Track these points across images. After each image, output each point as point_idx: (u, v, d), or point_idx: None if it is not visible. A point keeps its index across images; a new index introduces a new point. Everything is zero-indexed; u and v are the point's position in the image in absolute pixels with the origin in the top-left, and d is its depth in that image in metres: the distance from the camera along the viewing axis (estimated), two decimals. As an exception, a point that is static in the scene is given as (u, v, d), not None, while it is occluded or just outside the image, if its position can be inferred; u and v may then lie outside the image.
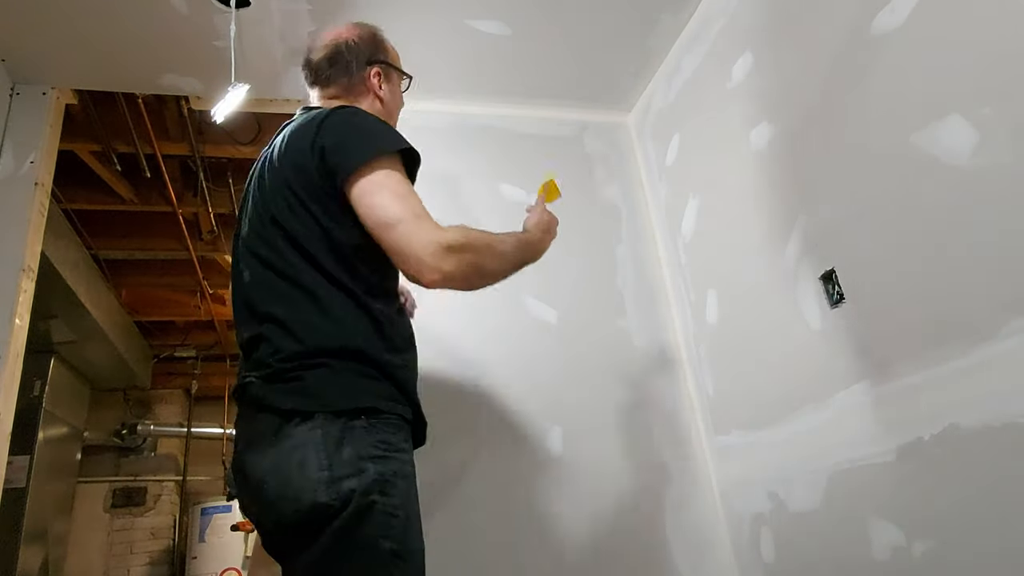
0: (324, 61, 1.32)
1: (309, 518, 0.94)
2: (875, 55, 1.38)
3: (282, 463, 0.98)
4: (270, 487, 0.98)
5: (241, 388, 1.10)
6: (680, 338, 2.16)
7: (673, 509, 1.93)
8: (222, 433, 5.82)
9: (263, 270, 1.14)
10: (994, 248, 1.14)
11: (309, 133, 1.14)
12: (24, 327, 1.83)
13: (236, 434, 1.13)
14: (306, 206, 1.12)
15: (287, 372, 1.04)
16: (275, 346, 1.06)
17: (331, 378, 1.04)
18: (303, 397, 1.02)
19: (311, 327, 1.07)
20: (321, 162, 1.11)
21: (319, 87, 1.34)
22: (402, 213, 1.08)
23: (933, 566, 1.25)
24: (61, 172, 2.20)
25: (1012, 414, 1.11)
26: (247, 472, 1.04)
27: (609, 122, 2.47)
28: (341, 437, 0.99)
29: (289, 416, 1.01)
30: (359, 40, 1.35)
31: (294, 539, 0.97)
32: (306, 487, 0.95)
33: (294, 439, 0.99)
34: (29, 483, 3.92)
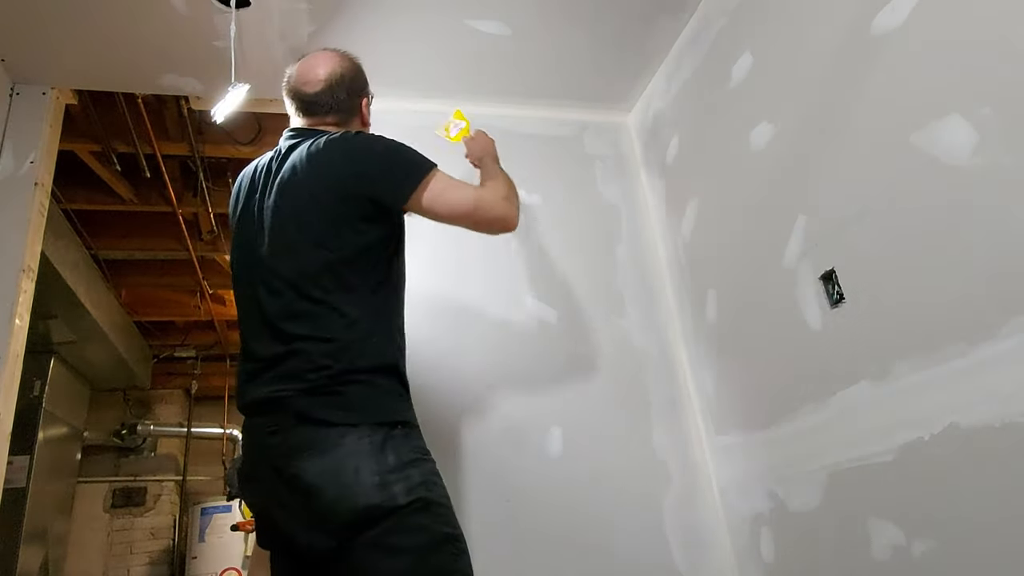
0: (323, 95, 1.40)
1: (362, 517, 1.07)
2: (875, 55, 1.38)
3: (338, 470, 1.09)
4: (326, 492, 1.08)
5: (274, 400, 1.17)
6: (680, 338, 2.16)
7: (673, 509, 1.93)
8: (222, 433, 5.82)
9: (291, 288, 1.22)
10: (994, 248, 1.14)
11: (341, 159, 1.28)
12: (24, 327, 1.83)
13: (262, 443, 1.18)
14: (350, 225, 1.25)
15: (328, 387, 1.15)
16: (313, 362, 1.17)
17: (370, 393, 1.18)
18: (347, 411, 1.14)
19: (347, 344, 1.19)
20: (371, 186, 1.27)
21: (315, 116, 1.42)
22: (472, 195, 1.32)
23: (933, 566, 1.25)
24: (61, 172, 2.20)
25: (1012, 414, 1.11)
26: (294, 478, 1.11)
27: (609, 122, 2.47)
28: (384, 445, 1.13)
29: (335, 426, 1.12)
30: (351, 73, 1.45)
31: (345, 535, 1.07)
32: (361, 491, 1.07)
33: (344, 448, 1.11)
34: (29, 483, 3.93)
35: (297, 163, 1.29)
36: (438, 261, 2.02)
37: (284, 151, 1.35)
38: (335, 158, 1.28)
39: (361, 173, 1.27)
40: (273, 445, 1.16)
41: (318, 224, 1.25)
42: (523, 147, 2.30)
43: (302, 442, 1.13)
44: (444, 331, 1.95)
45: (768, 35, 1.73)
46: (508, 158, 2.28)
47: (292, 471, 1.12)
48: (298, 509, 1.12)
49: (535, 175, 2.26)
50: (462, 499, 1.77)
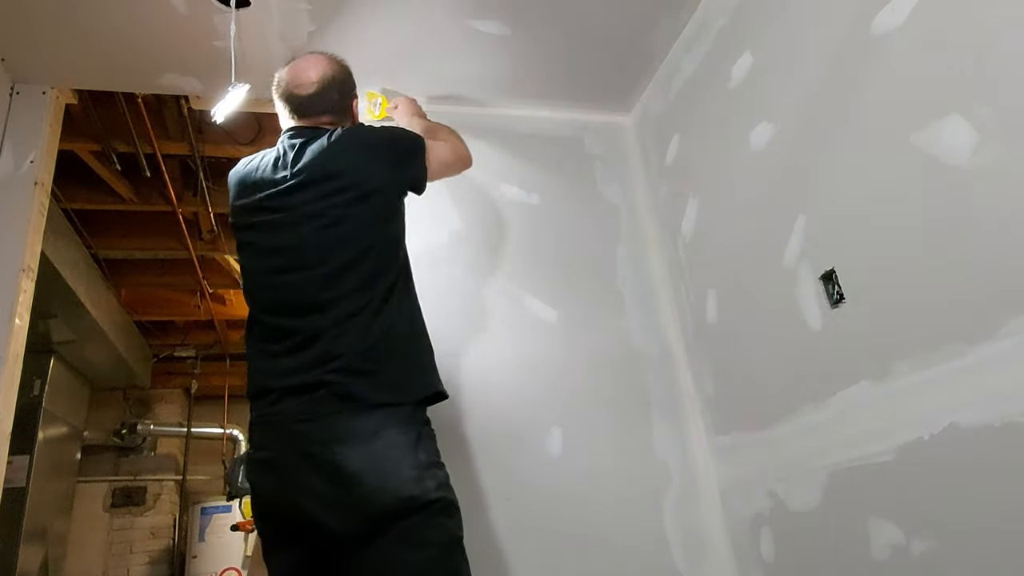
0: (316, 96, 1.47)
1: (401, 505, 1.14)
2: (875, 55, 1.38)
3: (380, 460, 1.16)
4: (368, 480, 1.15)
5: (308, 385, 1.21)
6: (680, 338, 2.16)
7: (673, 509, 1.93)
8: (222, 433, 5.82)
9: (327, 275, 1.28)
10: (994, 248, 1.14)
11: (361, 149, 1.39)
12: (24, 327, 1.83)
13: (290, 429, 1.21)
14: (381, 214, 1.37)
15: (363, 368, 1.22)
16: (349, 346, 1.23)
17: (404, 372, 1.28)
18: (388, 391, 1.23)
19: (381, 327, 1.27)
20: (392, 172, 1.40)
21: (309, 117, 1.48)
22: (447, 149, 1.60)
23: (933, 566, 1.25)
24: (61, 172, 2.20)
25: (1012, 414, 1.11)
26: (332, 464, 1.16)
27: (609, 122, 2.47)
28: (417, 442, 1.21)
29: (374, 409, 1.20)
30: (342, 75, 1.53)
31: (379, 523, 1.14)
32: (403, 482, 1.15)
33: (384, 439, 1.18)
34: (29, 483, 3.93)
35: (317, 157, 1.35)
36: (438, 261, 2.02)
37: (296, 147, 1.39)
38: (355, 148, 1.38)
39: (388, 158, 1.41)
40: (305, 432, 1.19)
41: (353, 214, 1.32)
42: (523, 147, 2.30)
43: (340, 430, 1.18)
44: (444, 331, 1.95)
45: (768, 35, 1.73)
46: (508, 158, 2.30)
47: (330, 458, 1.16)
48: (331, 495, 1.16)
49: (535, 175, 2.26)
50: (462, 498, 1.76)
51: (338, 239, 1.30)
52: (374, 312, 1.27)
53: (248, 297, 1.38)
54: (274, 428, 1.24)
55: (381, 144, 1.43)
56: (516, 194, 2.21)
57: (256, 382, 1.29)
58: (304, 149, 1.37)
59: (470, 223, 2.12)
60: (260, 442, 1.27)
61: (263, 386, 1.27)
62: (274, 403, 1.24)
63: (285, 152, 1.39)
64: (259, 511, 1.28)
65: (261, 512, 1.28)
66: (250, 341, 1.34)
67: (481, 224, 2.14)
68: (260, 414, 1.27)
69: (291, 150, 1.39)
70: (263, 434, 1.26)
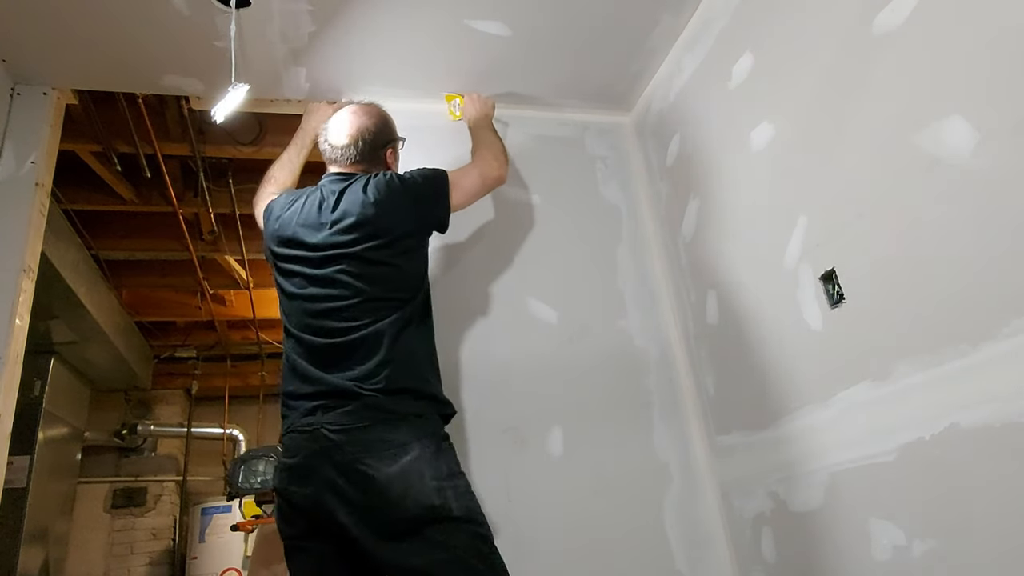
0: (348, 148, 1.66)
1: (422, 514, 1.25)
2: (875, 55, 1.38)
3: (406, 471, 1.28)
4: (394, 490, 1.26)
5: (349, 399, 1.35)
6: (680, 338, 2.16)
7: (673, 509, 1.93)
8: (222, 433, 5.82)
9: (367, 300, 1.45)
10: (994, 248, 1.14)
11: (388, 198, 1.54)
12: (24, 327, 1.83)
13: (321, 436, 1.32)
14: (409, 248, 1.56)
15: (394, 385, 1.37)
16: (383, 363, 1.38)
17: (428, 389, 1.45)
18: (415, 406, 1.38)
19: (409, 347, 1.45)
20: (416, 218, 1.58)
21: (343, 164, 1.67)
22: (475, 174, 1.75)
23: (933, 566, 1.25)
24: (61, 172, 2.20)
25: (1012, 414, 1.11)
26: (362, 474, 1.28)
27: (610, 122, 2.47)
28: (438, 454, 1.34)
29: (404, 419, 1.35)
30: (375, 128, 1.70)
31: (404, 530, 1.24)
32: (425, 492, 1.26)
33: (412, 453, 1.30)
34: (29, 483, 3.92)
35: (352, 204, 1.52)
36: (438, 262, 2.02)
37: (336, 193, 1.56)
38: (387, 193, 1.54)
39: (415, 206, 1.58)
40: (338, 442, 1.31)
41: (383, 255, 1.49)
42: (524, 147, 2.30)
43: (371, 441, 1.30)
44: (443, 332, 1.95)
45: (769, 35, 1.73)
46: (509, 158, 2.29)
47: (360, 467, 1.28)
48: (361, 502, 1.27)
49: (536, 175, 2.26)
50: (462, 499, 1.77)
51: (370, 274, 1.47)
52: (400, 336, 1.44)
53: (285, 316, 1.53)
54: (308, 438, 1.34)
55: (407, 193, 1.58)
56: (517, 194, 2.21)
57: (291, 394, 1.43)
58: (342, 195, 1.55)
59: (471, 223, 2.12)
60: (293, 450, 1.36)
61: (298, 398, 1.41)
62: (308, 414, 1.37)
63: (327, 196, 1.57)
64: (287, 516, 1.37)
65: (289, 517, 1.37)
66: (286, 358, 1.49)
67: (482, 224, 2.14)
68: (294, 424, 1.39)
69: (332, 195, 1.56)
70: (297, 443, 1.36)
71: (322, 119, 2.04)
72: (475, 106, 2.09)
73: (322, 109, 2.08)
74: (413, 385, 1.41)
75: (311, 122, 2.05)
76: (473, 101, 2.11)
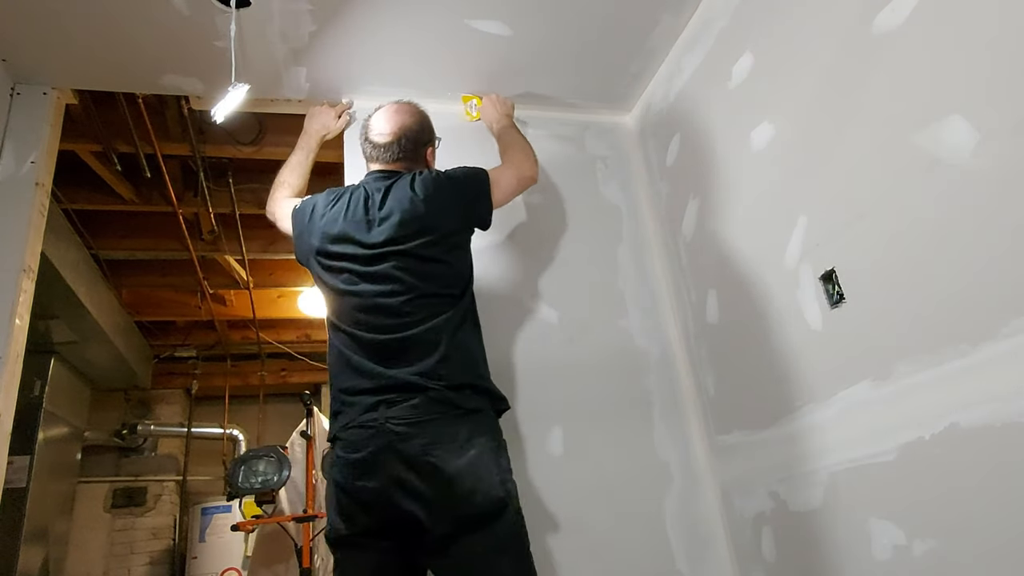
0: (391, 145, 1.67)
1: (491, 507, 1.31)
2: (875, 55, 1.38)
3: (475, 465, 1.33)
4: (465, 482, 1.31)
5: (414, 393, 1.38)
6: (680, 338, 2.16)
7: (674, 508, 1.93)
8: (222, 433, 5.82)
9: (421, 296, 1.48)
10: (994, 248, 1.14)
11: (436, 195, 1.57)
12: (24, 327, 1.83)
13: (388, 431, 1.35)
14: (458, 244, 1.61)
15: (457, 380, 1.41)
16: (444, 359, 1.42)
17: (487, 386, 1.49)
18: (477, 401, 1.43)
19: (465, 345, 1.50)
20: (462, 215, 1.62)
21: (386, 162, 1.68)
22: (511, 174, 1.77)
23: (933, 566, 1.25)
24: (61, 172, 2.20)
25: (1012, 414, 1.11)
26: (432, 466, 1.31)
27: (610, 122, 2.47)
28: (498, 450, 1.40)
29: (469, 414, 1.39)
30: (417, 127, 1.72)
31: (473, 521, 1.30)
32: (493, 485, 1.33)
33: (475, 447, 1.35)
34: (29, 483, 3.92)
35: (400, 201, 1.55)
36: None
37: (382, 190, 1.58)
38: (435, 190, 1.57)
39: (463, 200, 1.62)
40: (405, 436, 1.34)
41: (434, 251, 1.52)
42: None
43: (438, 434, 1.34)
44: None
45: (768, 35, 1.73)
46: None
47: (428, 460, 1.31)
48: (429, 495, 1.30)
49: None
50: (462, 499, 1.77)
51: (421, 270, 1.50)
52: (457, 332, 1.48)
53: (335, 315, 1.54)
54: (373, 433, 1.36)
55: (454, 190, 1.61)
56: (516, 194, 2.21)
57: (349, 390, 1.44)
58: (388, 192, 1.57)
59: (470, 223, 2.11)
60: (358, 445, 1.37)
61: (357, 393, 1.42)
62: (370, 409, 1.39)
63: (372, 193, 1.59)
64: (348, 512, 1.37)
65: (350, 512, 1.37)
66: (338, 354, 1.50)
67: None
68: (354, 419, 1.40)
69: (377, 192, 1.58)
70: (361, 438, 1.38)
71: (324, 121, 2.06)
72: (494, 107, 2.11)
73: (323, 111, 2.09)
74: (472, 381, 1.45)
75: (314, 125, 2.05)
76: (492, 102, 2.13)
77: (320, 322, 5.29)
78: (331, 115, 2.09)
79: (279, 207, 1.83)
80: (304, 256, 1.66)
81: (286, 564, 3.33)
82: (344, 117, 2.13)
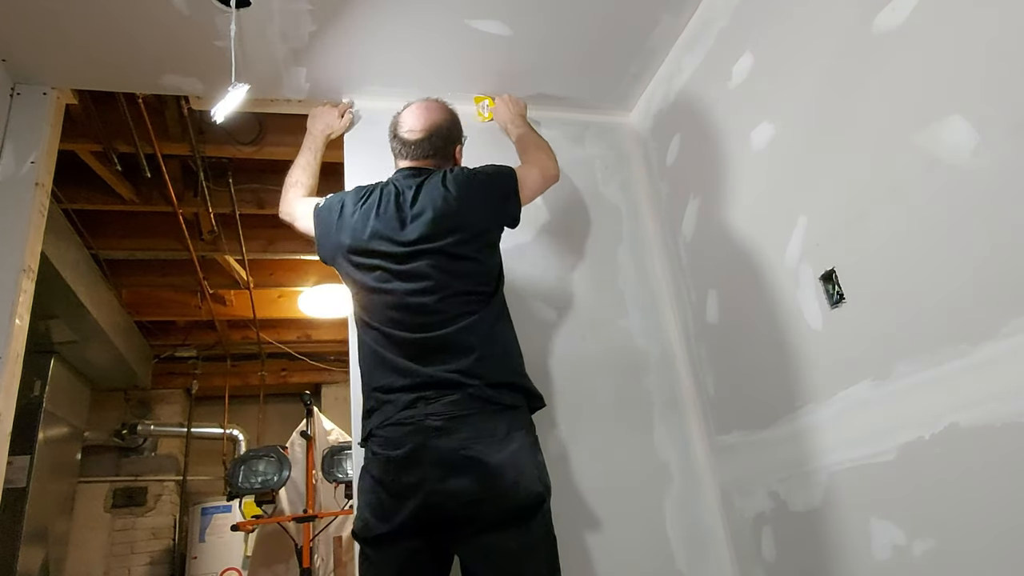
0: (422, 142, 1.67)
1: (531, 502, 1.33)
2: (875, 55, 1.38)
3: (516, 460, 1.34)
4: (507, 476, 1.32)
5: (452, 389, 1.39)
6: (680, 338, 2.16)
7: (674, 509, 1.93)
8: (222, 433, 5.82)
9: (456, 293, 1.48)
10: (994, 248, 1.14)
11: (469, 193, 1.58)
12: (24, 327, 1.83)
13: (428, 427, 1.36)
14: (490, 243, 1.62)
15: (495, 376, 1.42)
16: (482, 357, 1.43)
17: (523, 384, 1.50)
18: (513, 397, 1.44)
19: (503, 342, 1.52)
20: (494, 214, 1.63)
21: (416, 159, 1.68)
22: (536, 173, 1.78)
23: (933, 566, 1.25)
24: (61, 172, 2.20)
25: (1012, 414, 1.11)
26: (475, 460, 1.32)
27: (610, 122, 2.47)
28: (535, 445, 1.42)
29: (507, 410, 1.40)
30: (448, 124, 1.72)
31: (512, 515, 1.31)
32: (533, 480, 1.35)
33: (515, 442, 1.37)
34: (29, 483, 3.92)
35: (433, 198, 1.55)
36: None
37: (413, 187, 1.59)
38: (468, 188, 1.58)
39: (497, 198, 1.63)
40: (445, 431, 1.35)
41: (467, 250, 1.53)
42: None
43: (477, 429, 1.35)
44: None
45: (768, 35, 1.73)
46: (509, 158, 2.29)
47: (469, 455, 1.32)
48: (471, 489, 1.31)
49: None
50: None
51: (455, 268, 1.50)
52: (493, 329, 1.50)
53: (363, 310, 1.54)
54: (413, 429, 1.36)
55: (485, 188, 1.62)
56: (516, 194, 2.21)
57: (385, 388, 1.44)
58: (420, 189, 1.58)
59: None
60: (397, 442, 1.37)
61: (394, 391, 1.42)
62: (408, 406, 1.39)
63: (404, 191, 1.59)
64: (386, 508, 1.36)
65: (387, 509, 1.36)
66: (370, 351, 1.50)
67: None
68: (391, 416, 1.40)
69: (408, 190, 1.58)
70: (401, 435, 1.38)
71: (328, 121, 2.05)
72: (508, 107, 2.12)
73: (326, 111, 2.08)
74: (510, 378, 1.46)
75: (318, 125, 2.04)
76: (505, 102, 2.14)
77: (320, 322, 5.29)
78: (334, 115, 2.08)
79: (296, 207, 1.81)
80: (331, 254, 1.64)
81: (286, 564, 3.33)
82: (347, 116, 2.12)
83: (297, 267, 4.51)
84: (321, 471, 3.19)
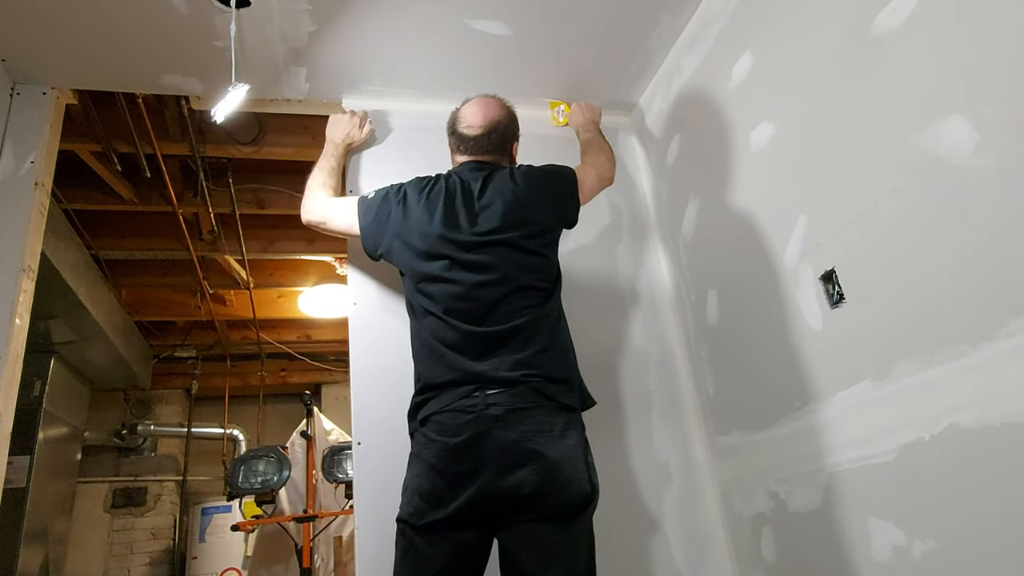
0: (482, 138, 1.68)
1: (581, 500, 1.33)
2: (875, 55, 1.38)
3: (571, 456, 1.36)
4: (565, 471, 1.33)
5: (515, 382, 1.39)
6: (680, 338, 2.16)
7: (674, 509, 1.93)
8: (222, 433, 5.82)
9: (519, 288, 1.49)
10: (994, 248, 1.14)
11: (535, 189, 1.61)
12: (24, 327, 1.83)
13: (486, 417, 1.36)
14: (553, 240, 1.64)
15: (556, 376, 1.43)
16: (544, 352, 1.45)
17: (579, 384, 1.51)
18: (571, 397, 1.45)
19: (560, 339, 1.52)
20: (558, 212, 1.66)
21: (475, 154, 1.69)
22: (593, 174, 1.83)
23: (933, 566, 1.25)
24: (61, 172, 2.20)
25: (1012, 414, 1.11)
26: (534, 452, 1.33)
27: (610, 122, 2.46)
28: (587, 443, 1.43)
29: (564, 409, 1.41)
30: (506, 121, 1.72)
31: (563, 511, 1.32)
32: (584, 478, 1.35)
33: (571, 439, 1.38)
34: (29, 483, 3.92)
35: (502, 193, 1.58)
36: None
37: (480, 180, 1.60)
38: (534, 186, 1.62)
39: (559, 197, 1.67)
40: (507, 422, 1.35)
41: (533, 244, 1.55)
42: (524, 147, 2.28)
43: (538, 423, 1.36)
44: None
45: (768, 35, 1.73)
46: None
47: (529, 447, 1.33)
48: (530, 480, 1.31)
49: (535, 175, 2.26)
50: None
51: (523, 262, 1.53)
52: (555, 325, 1.52)
53: (428, 300, 1.52)
54: (472, 418, 1.37)
55: (551, 186, 1.66)
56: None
57: (440, 376, 1.44)
58: (487, 182, 1.60)
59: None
60: (455, 430, 1.37)
61: (453, 382, 1.42)
62: (467, 396, 1.39)
63: (470, 183, 1.60)
64: (439, 495, 1.35)
65: (440, 496, 1.35)
66: (428, 340, 1.49)
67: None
68: (450, 403, 1.40)
69: (475, 182, 1.60)
70: (458, 423, 1.38)
71: (347, 130, 2.03)
72: (582, 112, 2.16)
73: (346, 119, 2.05)
74: (567, 375, 1.47)
75: (338, 133, 2.01)
76: (581, 108, 2.18)
77: (320, 322, 5.29)
78: (354, 123, 2.05)
79: (327, 205, 1.77)
80: (386, 243, 1.61)
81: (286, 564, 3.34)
82: (367, 127, 2.10)
83: (297, 267, 4.52)
84: (321, 471, 3.19)
